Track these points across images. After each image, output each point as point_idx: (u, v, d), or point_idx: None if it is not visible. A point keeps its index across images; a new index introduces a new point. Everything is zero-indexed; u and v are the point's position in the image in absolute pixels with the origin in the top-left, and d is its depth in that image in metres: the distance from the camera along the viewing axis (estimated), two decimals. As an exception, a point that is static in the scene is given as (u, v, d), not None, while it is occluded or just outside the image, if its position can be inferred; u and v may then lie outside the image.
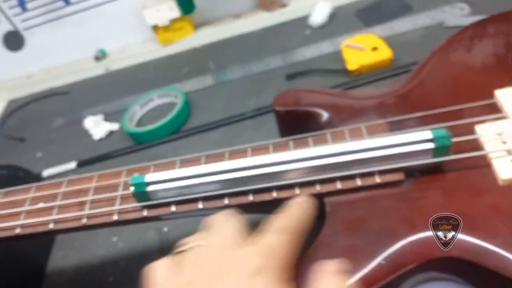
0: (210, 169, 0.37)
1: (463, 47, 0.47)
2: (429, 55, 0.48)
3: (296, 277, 0.32)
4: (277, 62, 0.70)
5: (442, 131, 0.35)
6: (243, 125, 0.62)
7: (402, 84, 0.46)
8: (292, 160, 0.36)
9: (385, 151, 0.35)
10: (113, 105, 0.76)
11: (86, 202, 0.40)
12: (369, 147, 0.36)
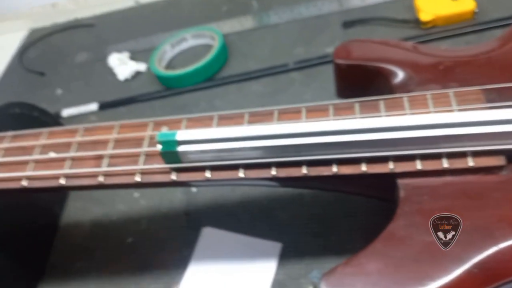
0: (256, 132, 0.30)
1: None
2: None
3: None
4: (332, 6, 0.60)
5: None
6: (289, 78, 0.54)
7: (498, 43, 0.37)
8: (358, 130, 0.29)
9: (484, 128, 0.28)
10: (141, 42, 0.69)
11: (105, 156, 0.34)
12: (463, 121, 0.28)
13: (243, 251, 0.40)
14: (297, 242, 0.39)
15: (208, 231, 0.42)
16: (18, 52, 0.80)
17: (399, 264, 0.26)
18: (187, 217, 0.45)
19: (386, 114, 0.32)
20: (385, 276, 0.26)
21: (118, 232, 0.46)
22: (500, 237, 0.26)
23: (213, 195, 0.46)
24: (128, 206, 0.48)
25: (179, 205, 0.46)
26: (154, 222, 0.46)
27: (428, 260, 0.26)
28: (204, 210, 0.45)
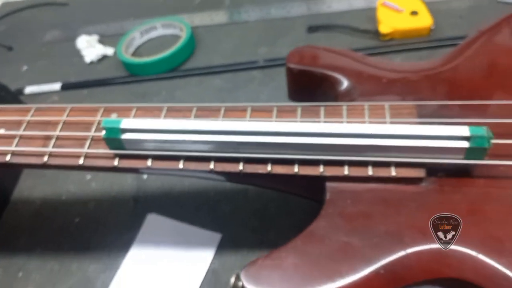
0: (198, 126, 0.32)
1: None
2: (477, 34, 0.41)
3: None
4: (300, 10, 0.62)
5: (483, 129, 0.29)
6: (250, 75, 0.56)
7: (441, 62, 0.40)
8: (295, 132, 0.31)
9: (409, 141, 0.30)
10: (112, 27, 0.69)
11: (52, 137, 0.35)
12: (390, 133, 0.30)
13: (184, 238, 0.41)
14: (236, 235, 0.41)
15: (153, 217, 0.44)
16: (-14, 23, 0.79)
17: (314, 261, 0.28)
18: (135, 202, 0.46)
19: (324, 120, 0.34)
20: (300, 271, 0.28)
21: (66, 212, 0.47)
22: (408, 243, 0.28)
23: (162, 184, 0.47)
24: (79, 188, 0.49)
25: (129, 190, 0.47)
26: (102, 205, 0.47)
27: (341, 259, 0.28)
28: (152, 197, 0.46)
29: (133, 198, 0.47)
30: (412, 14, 0.52)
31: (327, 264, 0.28)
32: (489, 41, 0.39)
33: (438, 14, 0.54)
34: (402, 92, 0.37)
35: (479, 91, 0.36)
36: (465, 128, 0.29)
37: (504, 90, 0.35)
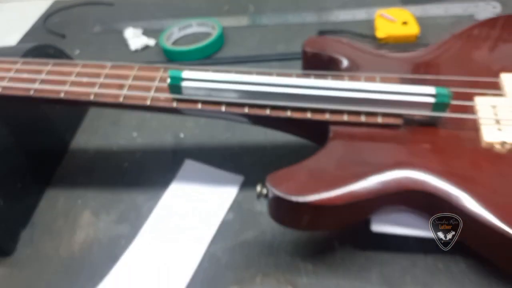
0: (237, 79, 0.43)
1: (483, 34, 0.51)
2: (451, 36, 0.52)
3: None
4: (313, 18, 0.74)
5: (445, 89, 0.40)
6: (269, 65, 0.67)
7: (421, 53, 0.51)
8: (309, 86, 0.42)
9: (390, 96, 0.41)
10: (153, 24, 0.81)
11: (125, 85, 0.46)
12: (377, 89, 0.41)
13: (213, 179, 0.52)
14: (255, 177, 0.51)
15: (189, 162, 0.54)
16: (42, 16, 0.91)
17: (321, 172, 0.38)
18: (173, 154, 0.57)
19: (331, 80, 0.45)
20: (312, 177, 0.38)
21: (117, 159, 0.57)
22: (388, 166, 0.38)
23: (196, 141, 0.58)
24: (127, 142, 0.59)
25: (168, 145, 0.58)
26: (147, 155, 0.57)
27: (340, 174, 0.38)
28: (187, 150, 0.57)
29: (172, 150, 0.57)
30: (403, 24, 0.64)
31: (332, 176, 0.38)
32: (459, 40, 0.51)
33: (425, 26, 0.66)
34: (392, 70, 0.48)
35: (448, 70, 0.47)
36: (432, 88, 0.40)
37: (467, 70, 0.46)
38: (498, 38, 0.50)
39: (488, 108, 0.41)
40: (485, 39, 0.50)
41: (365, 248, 0.43)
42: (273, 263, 0.43)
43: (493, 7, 0.68)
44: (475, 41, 0.51)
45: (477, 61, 0.48)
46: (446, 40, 0.52)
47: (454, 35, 0.52)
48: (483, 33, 0.51)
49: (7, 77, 0.47)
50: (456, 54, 0.49)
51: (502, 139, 0.39)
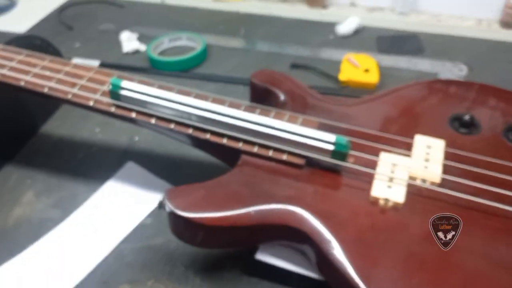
0: (169, 96, 0.47)
1: (418, 93, 0.53)
2: (390, 89, 0.55)
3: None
4: (292, 50, 0.77)
5: (344, 139, 0.43)
6: (236, 88, 0.71)
7: (354, 101, 0.54)
8: (227, 114, 0.45)
9: (296, 137, 0.44)
10: (150, 30, 0.86)
11: (78, 84, 0.51)
12: (286, 129, 0.44)
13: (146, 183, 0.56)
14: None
15: (130, 165, 0.58)
16: (59, 8, 0.99)
17: (216, 195, 0.42)
18: (123, 154, 0.61)
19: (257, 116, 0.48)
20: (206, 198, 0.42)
21: (74, 149, 0.62)
22: (277, 200, 0.41)
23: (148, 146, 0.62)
24: (89, 135, 0.64)
25: (122, 146, 0.63)
26: (101, 150, 0.62)
27: (233, 199, 0.41)
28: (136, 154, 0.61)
29: (124, 151, 0.62)
30: (365, 71, 0.67)
31: (223, 199, 0.42)
32: (394, 94, 0.54)
33: (388, 76, 0.68)
34: (319, 113, 0.51)
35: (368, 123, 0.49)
36: (333, 136, 0.43)
37: (386, 126, 0.49)
38: (426, 100, 0.52)
39: (388, 165, 0.44)
40: (416, 99, 0.53)
41: (251, 274, 0.46)
42: (168, 271, 0.46)
43: (459, 70, 0.69)
44: (407, 99, 0.53)
45: (400, 119, 0.50)
46: (384, 93, 0.54)
47: (392, 89, 0.55)
48: (417, 92, 0.54)
49: (-19, 60, 0.53)
50: (385, 108, 0.52)
51: (387, 196, 0.41)
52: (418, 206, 0.41)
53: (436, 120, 0.50)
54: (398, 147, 0.46)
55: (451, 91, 0.54)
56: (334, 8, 0.85)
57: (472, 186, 0.41)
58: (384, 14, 0.82)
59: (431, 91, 0.54)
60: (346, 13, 0.83)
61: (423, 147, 0.45)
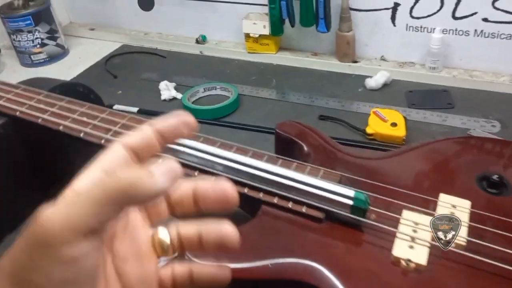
0: (193, 144, 0.47)
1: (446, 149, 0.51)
2: (418, 143, 0.53)
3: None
4: (321, 102, 0.77)
5: (363, 195, 0.41)
6: (266, 137, 0.71)
7: (380, 155, 0.52)
8: (250, 165, 0.45)
9: (314, 189, 0.43)
10: (188, 80, 0.89)
11: (111, 130, 0.52)
12: (305, 181, 0.43)
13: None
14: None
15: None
16: (106, 56, 1.04)
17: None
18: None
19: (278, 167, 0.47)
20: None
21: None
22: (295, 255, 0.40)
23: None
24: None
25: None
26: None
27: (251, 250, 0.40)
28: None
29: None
30: (392, 125, 0.65)
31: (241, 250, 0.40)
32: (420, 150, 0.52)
33: (416, 131, 0.66)
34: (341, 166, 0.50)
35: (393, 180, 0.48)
36: (352, 191, 0.41)
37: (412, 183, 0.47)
38: (455, 157, 0.50)
39: (410, 224, 0.42)
40: (444, 155, 0.51)
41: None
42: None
43: (492, 126, 0.67)
44: (435, 154, 0.51)
45: (426, 175, 0.48)
46: (410, 147, 0.53)
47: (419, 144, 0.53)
48: (445, 148, 0.51)
49: (27, 104, 0.56)
50: (411, 163, 0.50)
51: (409, 257, 0.39)
52: (442, 270, 0.38)
53: (463, 178, 0.48)
54: (422, 205, 0.44)
55: (482, 148, 0.52)
56: (364, 62, 0.85)
57: (499, 250, 0.38)
58: (415, 69, 0.81)
59: (461, 147, 0.51)
60: (376, 67, 0.83)
61: (448, 206, 0.43)
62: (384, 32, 0.82)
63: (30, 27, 1.00)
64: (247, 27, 0.89)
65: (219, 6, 0.96)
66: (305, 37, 0.89)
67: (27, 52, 1.03)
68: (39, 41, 1.02)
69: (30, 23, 0.99)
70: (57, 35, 1.05)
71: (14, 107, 0.56)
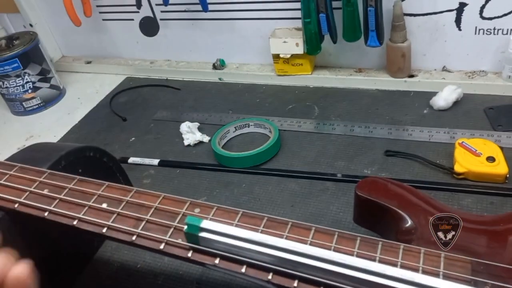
0: (264, 240, 0.35)
1: None
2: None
3: None
4: (382, 132, 0.65)
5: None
6: (324, 185, 0.59)
7: (506, 218, 0.40)
8: (349, 265, 0.33)
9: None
10: (213, 116, 0.78)
11: (143, 219, 0.40)
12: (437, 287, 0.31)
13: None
14: None
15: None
16: (110, 94, 0.92)
17: None
18: (198, 286, 0.50)
19: (379, 257, 0.36)
20: None
21: (137, 282, 0.52)
22: None
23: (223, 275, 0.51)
24: (153, 260, 0.54)
25: (195, 273, 0.51)
26: (169, 281, 0.51)
27: None
28: (213, 285, 0.50)
29: (197, 281, 0.50)
30: (488, 160, 0.53)
31: None
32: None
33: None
34: (461, 244, 0.38)
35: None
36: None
37: None
38: None
39: None
40: None
41: None
42: None
43: None
44: None
45: None
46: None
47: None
48: None
49: (27, 192, 0.44)
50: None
51: None
52: None
53: None
54: None
55: None
56: (423, 76, 0.73)
57: None
58: (488, 79, 0.69)
59: None
60: (439, 80, 0.71)
61: None
62: (446, 38, 0.70)
63: (18, 71, 0.88)
64: (276, 47, 0.78)
65: (236, 24, 0.84)
66: (345, 51, 0.78)
67: (17, 99, 0.92)
68: (30, 85, 0.91)
69: (18, 66, 0.88)
70: (50, 75, 0.94)
71: (10, 197, 0.44)
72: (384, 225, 0.42)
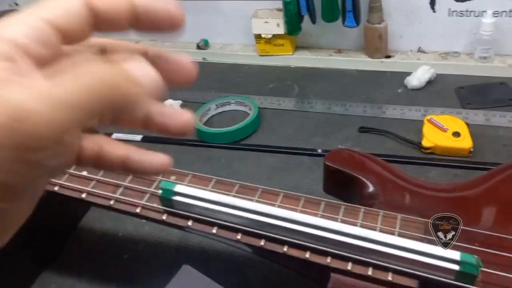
0: (234, 203, 0.38)
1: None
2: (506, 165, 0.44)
3: None
4: (357, 110, 0.68)
5: (472, 258, 0.32)
6: (300, 160, 0.62)
7: (462, 186, 0.43)
8: (311, 225, 0.36)
9: (406, 253, 0.33)
10: (195, 95, 0.79)
11: (121, 186, 0.43)
12: (391, 243, 0.34)
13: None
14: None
15: (186, 268, 0.49)
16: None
17: None
18: (176, 252, 0.53)
19: (341, 219, 0.38)
20: None
21: (119, 248, 0.54)
22: None
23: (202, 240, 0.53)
24: (134, 228, 0.56)
25: (174, 239, 0.54)
26: (149, 248, 0.54)
27: None
28: (191, 250, 0.52)
29: (175, 247, 0.53)
30: (454, 135, 0.56)
31: None
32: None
33: (482, 138, 0.57)
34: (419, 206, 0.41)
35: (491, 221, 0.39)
36: (457, 253, 0.32)
37: (511, 224, 0.38)
38: None
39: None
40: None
41: None
42: None
43: None
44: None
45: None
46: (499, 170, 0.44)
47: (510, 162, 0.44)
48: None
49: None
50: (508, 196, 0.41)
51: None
52: None
53: None
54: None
55: None
56: (400, 56, 0.76)
57: None
58: (461, 60, 0.72)
59: None
60: (415, 61, 0.73)
61: None
62: (421, 20, 0.72)
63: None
64: (257, 27, 0.79)
65: (220, 5, 0.86)
66: (325, 32, 0.80)
67: None
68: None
69: None
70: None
71: None
72: (350, 192, 0.45)
